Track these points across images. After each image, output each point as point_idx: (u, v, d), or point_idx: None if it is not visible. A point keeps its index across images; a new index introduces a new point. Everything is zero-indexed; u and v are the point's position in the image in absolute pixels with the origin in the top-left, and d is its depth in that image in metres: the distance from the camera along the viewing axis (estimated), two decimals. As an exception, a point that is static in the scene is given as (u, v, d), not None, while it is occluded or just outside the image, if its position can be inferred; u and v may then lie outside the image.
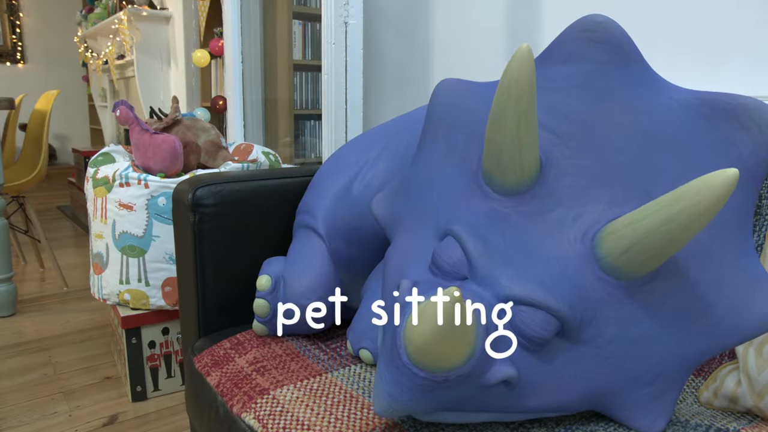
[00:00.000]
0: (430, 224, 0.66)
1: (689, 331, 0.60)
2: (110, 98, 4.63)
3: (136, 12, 3.48)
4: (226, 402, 0.73)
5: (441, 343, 0.50)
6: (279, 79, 2.40)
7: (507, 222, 0.61)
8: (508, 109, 0.56)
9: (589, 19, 0.65)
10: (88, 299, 2.39)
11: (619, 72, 0.65)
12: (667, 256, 0.54)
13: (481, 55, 1.65)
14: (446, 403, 0.55)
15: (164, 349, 1.57)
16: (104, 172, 1.54)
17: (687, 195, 0.50)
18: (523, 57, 0.55)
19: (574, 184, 0.61)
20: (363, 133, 0.95)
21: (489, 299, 0.56)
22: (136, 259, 1.49)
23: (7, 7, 5.66)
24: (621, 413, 0.63)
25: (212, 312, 0.92)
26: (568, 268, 0.57)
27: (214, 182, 0.93)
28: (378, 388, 0.55)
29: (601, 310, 0.58)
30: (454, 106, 0.70)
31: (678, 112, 0.64)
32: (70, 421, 1.45)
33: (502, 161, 0.59)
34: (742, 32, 1.11)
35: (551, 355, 0.58)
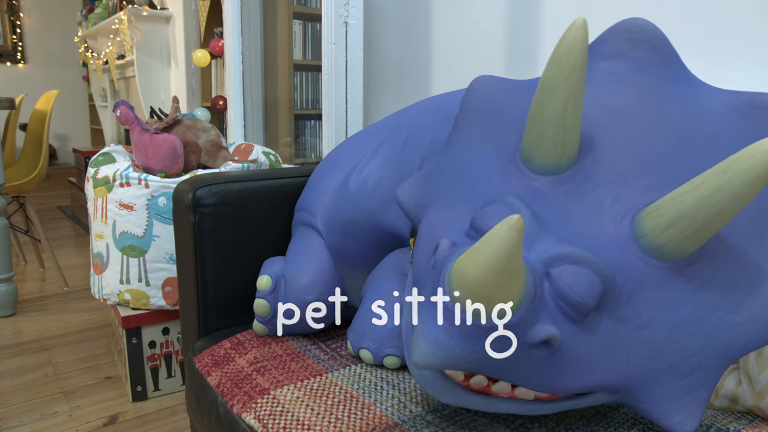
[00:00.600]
0: (464, 205, 0.65)
1: (731, 320, 0.59)
2: (110, 98, 4.63)
3: (137, 12, 3.48)
4: (227, 402, 0.73)
5: (498, 277, 0.48)
6: (279, 79, 2.40)
7: (547, 199, 0.60)
8: (557, 86, 0.56)
9: (631, 21, 0.66)
10: (89, 299, 2.39)
11: (659, 70, 0.66)
12: (713, 231, 0.53)
13: (481, 55, 1.65)
14: (482, 357, 0.53)
15: (164, 349, 1.57)
16: (104, 172, 1.54)
17: (739, 161, 0.49)
18: (578, 30, 0.54)
19: (612, 170, 0.61)
20: (360, 131, 0.95)
21: (533, 261, 0.55)
22: (137, 259, 1.49)
23: (7, 7, 5.66)
24: (651, 407, 0.60)
25: (212, 312, 0.92)
26: (608, 245, 0.57)
27: (215, 182, 0.93)
28: (421, 335, 0.53)
29: (640, 291, 0.57)
30: (490, 97, 0.71)
31: (717, 110, 0.64)
32: (71, 421, 1.45)
33: (544, 139, 0.59)
34: (747, 35, 1.11)
35: (592, 328, 0.56)
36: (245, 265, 0.95)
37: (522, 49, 1.53)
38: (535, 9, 1.50)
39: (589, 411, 0.69)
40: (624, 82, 0.66)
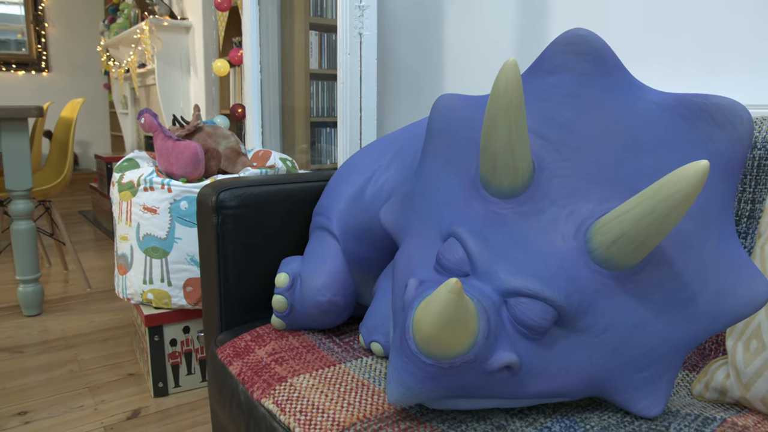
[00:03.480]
0: (433, 229, 0.71)
1: (680, 317, 0.64)
2: (131, 106, 4.74)
3: (158, 22, 3.57)
4: (247, 389, 0.79)
5: (445, 332, 0.54)
6: (296, 88, 2.47)
7: (505, 222, 0.66)
8: (499, 119, 0.61)
9: (571, 32, 0.70)
10: (111, 300, 2.47)
11: (602, 80, 0.70)
12: (652, 246, 0.58)
13: (492, 64, 1.70)
14: (454, 389, 0.60)
15: (185, 347, 1.63)
16: (129, 177, 1.61)
17: (665, 186, 0.54)
18: (510, 70, 0.60)
19: (566, 185, 0.66)
20: (375, 141, 1.01)
21: (489, 293, 0.61)
22: (159, 260, 1.56)
23: (33, 18, 5.81)
24: (620, 397, 0.67)
25: (233, 307, 0.98)
26: (563, 262, 0.62)
27: (236, 186, 0.99)
28: (391, 378, 0.60)
29: (596, 300, 0.63)
30: (451, 119, 0.76)
31: (658, 114, 0.68)
32: (96, 414, 1.52)
33: (497, 167, 0.64)
34: (739, 44, 1.15)
35: (550, 343, 0.62)
36: (264, 264, 1.01)
37: (531, 58, 1.58)
38: (543, 19, 1.55)
39: (585, 400, 0.74)
40: (570, 95, 0.70)
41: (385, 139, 0.98)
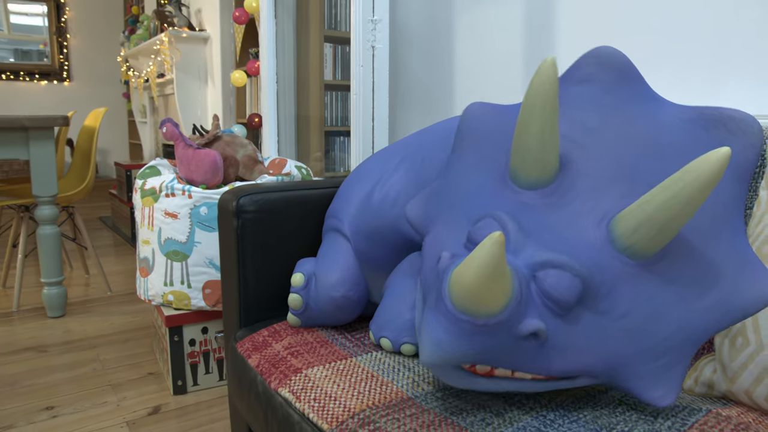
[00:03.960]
0: (463, 217, 0.76)
1: (695, 308, 0.68)
2: (150, 115, 4.85)
3: (177, 34, 3.67)
4: (265, 379, 0.85)
5: (484, 286, 0.58)
6: (311, 98, 2.54)
7: (532, 211, 0.71)
8: (534, 115, 0.67)
9: (599, 49, 0.77)
10: (130, 303, 2.55)
11: (624, 90, 0.76)
12: (673, 232, 0.63)
13: (500, 75, 1.76)
14: (485, 352, 0.63)
15: (203, 347, 1.70)
16: (151, 184, 1.68)
17: (689, 172, 0.59)
18: (548, 68, 0.66)
19: (589, 182, 0.71)
20: (383, 148, 1.07)
21: (521, 266, 0.65)
22: (180, 263, 1.63)
23: (56, 29, 5.97)
24: (635, 384, 0.70)
25: (252, 305, 1.04)
26: (587, 248, 0.67)
27: (255, 192, 1.05)
28: (425, 338, 0.63)
29: (616, 285, 0.67)
30: (481, 123, 0.82)
31: (676, 123, 0.74)
32: (119, 410, 1.59)
33: (527, 159, 0.69)
34: (744, 56, 1.20)
35: (574, 321, 0.66)
36: (280, 265, 1.07)
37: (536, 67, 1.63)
38: (549, 32, 1.61)
39: (580, 392, 0.79)
40: (595, 103, 0.76)
41: (391, 147, 1.04)
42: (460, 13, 1.88)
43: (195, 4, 4.01)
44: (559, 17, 1.57)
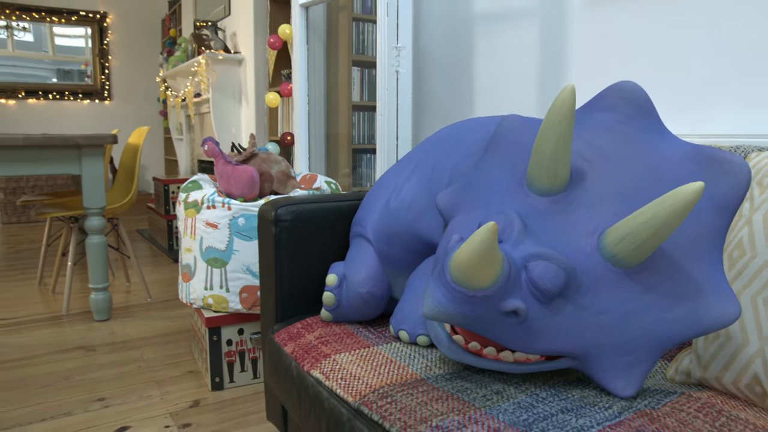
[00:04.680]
0: (480, 211, 0.89)
1: (665, 317, 0.80)
2: (186, 132, 5.07)
3: (213, 56, 3.88)
4: (299, 363, 0.99)
5: (476, 263, 0.71)
6: (340, 118, 2.70)
7: (538, 214, 0.84)
8: (551, 130, 0.80)
9: (623, 83, 0.90)
10: (169, 309, 2.72)
11: (639, 122, 0.89)
12: (653, 247, 0.74)
13: (516, 95, 1.89)
14: (472, 317, 0.75)
15: (239, 347, 1.84)
16: (194, 197, 1.85)
17: (668, 198, 0.71)
18: (568, 94, 0.79)
19: (592, 198, 0.84)
20: (398, 161, 1.21)
21: (516, 257, 0.78)
22: (219, 269, 1.78)
23: (99, 51, 6.28)
24: (601, 375, 0.82)
25: (287, 303, 1.18)
26: (578, 252, 0.79)
27: (291, 203, 1.20)
28: (429, 297, 0.77)
29: (598, 286, 0.79)
30: (512, 131, 0.95)
31: (677, 157, 0.86)
32: (163, 402, 1.74)
33: (542, 169, 0.83)
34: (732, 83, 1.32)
35: (555, 310, 0.78)
36: (312, 267, 1.21)
37: (550, 91, 1.76)
38: (561, 57, 1.74)
39: (571, 377, 0.91)
40: (612, 130, 0.89)
41: (404, 158, 1.18)
42: (479, 39, 2.01)
43: (230, 27, 4.22)
44: (570, 43, 1.69)
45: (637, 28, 1.51)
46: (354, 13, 2.68)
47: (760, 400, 0.82)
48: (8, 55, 6.01)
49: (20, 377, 1.94)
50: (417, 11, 2.28)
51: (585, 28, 1.65)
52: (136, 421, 1.63)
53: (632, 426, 0.74)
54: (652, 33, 1.48)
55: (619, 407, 0.79)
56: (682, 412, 0.78)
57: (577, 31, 1.67)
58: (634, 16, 1.52)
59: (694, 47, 1.38)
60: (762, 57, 1.25)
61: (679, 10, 1.40)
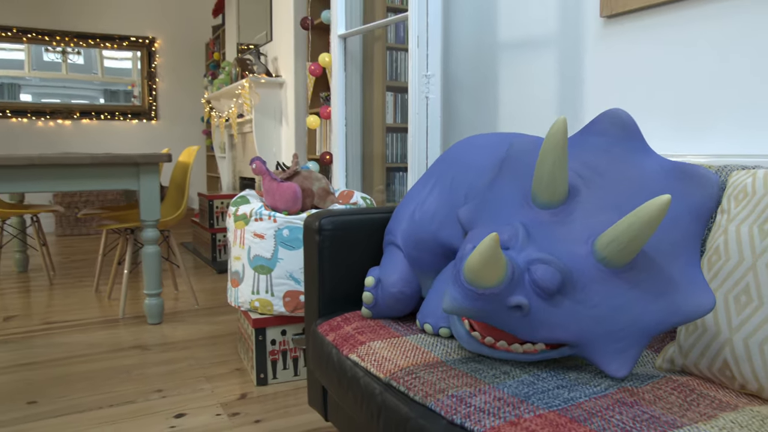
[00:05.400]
0: (493, 224, 1.06)
1: (649, 309, 0.95)
2: (228, 150, 5.34)
3: (256, 80, 4.14)
4: (339, 349, 1.16)
5: (483, 266, 0.87)
6: (375, 139, 2.90)
7: (540, 225, 1.00)
8: (548, 154, 0.97)
9: (614, 111, 1.06)
10: (214, 315, 2.93)
11: (628, 143, 1.05)
12: (635, 249, 0.89)
13: (537, 118, 2.05)
14: (483, 311, 0.91)
15: (282, 347, 2.03)
16: (243, 210, 2.05)
17: (643, 208, 0.87)
18: (560, 124, 0.96)
19: (587, 209, 1.00)
20: (420, 177, 1.39)
21: (519, 261, 0.95)
22: (265, 275, 1.98)
23: (147, 74, 6.65)
24: (598, 359, 0.97)
25: (327, 301, 1.36)
26: (574, 256, 0.96)
27: (332, 215, 1.39)
28: (447, 295, 0.93)
29: (592, 283, 0.95)
30: (521, 154, 1.12)
31: (659, 173, 1.02)
32: (213, 395, 1.93)
33: (542, 186, 0.99)
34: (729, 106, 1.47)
35: (555, 304, 0.94)
36: (350, 270, 1.39)
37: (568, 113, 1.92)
38: (578, 83, 1.90)
39: (570, 363, 1.06)
40: (604, 151, 1.05)
41: (426, 173, 1.36)
42: (504, 66, 2.19)
43: (272, 52, 4.49)
44: (586, 70, 1.86)
45: (646, 56, 1.67)
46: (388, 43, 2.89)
47: (730, 382, 0.96)
48: (62, 77, 6.42)
49: (87, 370, 2.17)
50: (446, 40, 2.47)
51: (599, 57, 1.81)
52: (191, 409, 1.83)
53: (614, 398, 0.89)
54: (660, 60, 1.63)
55: (606, 384, 0.95)
56: (659, 390, 0.93)
57: (592, 59, 1.83)
58: (644, 45, 1.67)
59: (698, 74, 1.53)
60: (762, 82, 1.39)
61: (686, 41, 1.56)
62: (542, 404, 0.87)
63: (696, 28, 1.53)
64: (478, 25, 2.29)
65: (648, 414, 0.83)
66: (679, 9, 1.57)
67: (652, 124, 1.66)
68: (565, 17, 1.92)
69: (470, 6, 2.33)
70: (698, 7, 1.52)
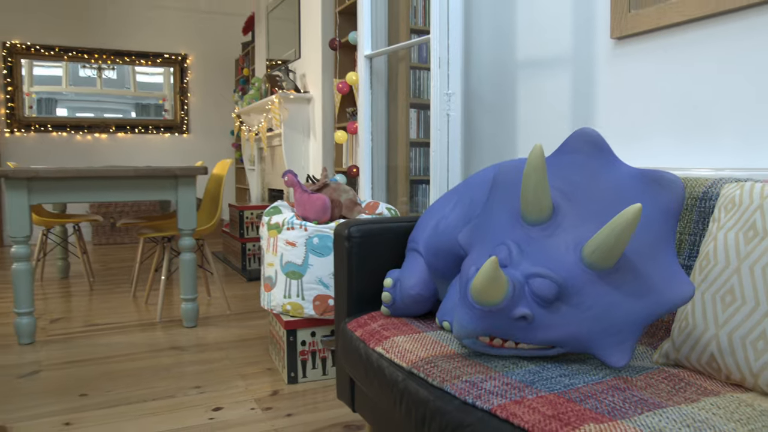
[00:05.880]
0: (489, 244, 1.19)
1: (638, 303, 1.06)
2: (258, 163, 5.53)
3: (286, 96, 4.32)
4: (366, 343, 1.30)
5: (486, 286, 1.00)
6: (399, 153, 3.04)
7: (532, 240, 1.13)
8: (530, 177, 1.10)
9: (583, 130, 1.19)
10: (245, 319, 3.08)
11: (599, 159, 1.18)
12: (618, 253, 1.02)
13: (553, 132, 2.17)
14: (492, 327, 1.05)
15: (311, 347, 2.17)
16: (275, 220, 2.21)
17: (619, 217, 0.99)
18: (537, 150, 1.09)
19: (571, 221, 1.12)
20: (444, 193, 1.52)
21: (519, 276, 1.07)
22: (296, 280, 2.12)
23: (179, 89, 6.90)
24: (599, 352, 1.08)
25: (356, 301, 1.50)
26: (565, 263, 1.08)
27: (360, 224, 1.53)
28: (456, 320, 1.06)
29: (584, 287, 1.07)
30: (508, 177, 1.25)
31: (629, 181, 1.14)
32: (247, 391, 2.08)
33: (528, 206, 1.12)
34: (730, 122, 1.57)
35: (554, 311, 1.06)
36: (376, 274, 1.53)
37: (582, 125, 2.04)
38: (590, 99, 2.02)
39: (573, 357, 1.18)
40: (579, 166, 1.18)
41: (449, 192, 1.49)
42: (522, 84, 2.32)
43: (300, 69, 4.67)
44: (598, 88, 1.98)
45: (653, 74, 1.79)
46: (411, 62, 3.04)
47: (717, 374, 1.07)
48: (97, 92, 6.70)
49: (130, 368, 2.33)
50: (467, 59, 2.61)
51: (610, 75, 1.93)
52: (227, 403, 1.98)
53: (609, 384, 1.01)
54: (666, 79, 1.75)
55: (603, 374, 1.07)
56: (651, 379, 1.05)
57: (603, 77, 1.96)
58: (651, 65, 1.79)
59: (701, 92, 1.65)
60: (758, 100, 1.51)
61: (689, 61, 1.67)
62: (544, 388, 0.99)
63: (699, 50, 1.64)
64: (497, 44, 2.43)
65: (637, 397, 0.95)
66: (683, 32, 1.68)
67: (658, 140, 1.77)
68: (578, 38, 2.04)
69: (490, 27, 2.47)
70: (700, 29, 1.63)
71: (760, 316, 1.02)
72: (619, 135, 1.92)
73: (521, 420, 0.88)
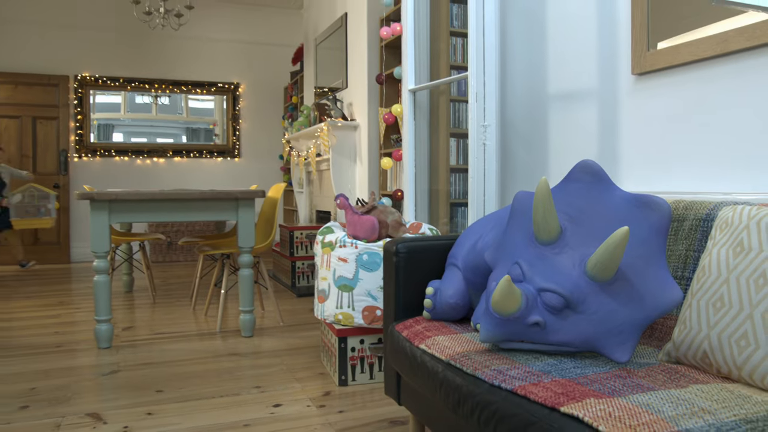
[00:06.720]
0: (508, 262, 1.42)
1: (635, 309, 1.28)
2: (306, 186, 5.84)
3: (334, 123, 4.61)
4: (411, 341, 1.53)
5: (503, 299, 1.24)
6: (440, 178, 3.28)
7: (544, 257, 1.35)
8: (539, 205, 1.32)
9: (585, 162, 1.41)
10: (297, 331, 3.34)
11: (599, 186, 1.39)
12: (615, 266, 1.23)
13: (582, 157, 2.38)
14: (510, 333, 1.28)
15: (360, 354, 2.41)
16: (329, 238, 2.46)
17: (612, 237, 1.20)
18: (543, 184, 1.31)
19: (576, 240, 1.34)
20: (482, 218, 1.74)
21: (531, 289, 1.30)
22: (347, 293, 2.37)
23: (231, 116, 7.32)
24: (606, 351, 1.29)
25: (402, 307, 1.74)
26: (571, 277, 1.30)
27: (406, 242, 1.77)
28: (481, 327, 1.30)
29: (588, 297, 1.29)
30: (523, 205, 1.48)
31: (624, 205, 1.36)
32: (303, 391, 2.32)
33: (539, 229, 1.34)
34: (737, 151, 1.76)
35: (563, 317, 1.28)
36: (420, 285, 1.76)
37: (606, 154, 2.24)
38: (613, 130, 2.22)
39: (589, 354, 1.38)
40: (583, 193, 1.39)
41: (487, 217, 1.71)
42: (553, 115, 2.53)
43: (347, 98, 4.98)
44: (621, 119, 2.18)
45: (670, 108, 1.99)
46: (451, 96, 3.29)
47: (709, 368, 1.27)
48: (152, 118, 7.17)
49: (197, 370, 2.61)
50: (503, 91, 2.84)
51: (631, 108, 2.14)
52: (286, 401, 2.22)
53: (614, 373, 1.22)
54: (682, 112, 1.95)
55: (610, 366, 1.27)
56: (651, 371, 1.25)
57: (626, 109, 2.16)
58: (669, 99, 1.99)
59: (715, 124, 1.84)
60: (763, 131, 1.70)
61: (704, 95, 1.87)
62: (558, 375, 1.20)
63: (713, 86, 1.84)
64: (531, 78, 2.66)
65: (635, 383, 1.15)
66: (699, 68, 1.89)
67: (675, 168, 1.97)
68: (603, 74, 2.26)
69: (523, 62, 2.70)
70: (715, 67, 1.83)
71: (743, 318, 1.21)
72: (639, 161, 2.11)
73: (536, 396, 1.10)
